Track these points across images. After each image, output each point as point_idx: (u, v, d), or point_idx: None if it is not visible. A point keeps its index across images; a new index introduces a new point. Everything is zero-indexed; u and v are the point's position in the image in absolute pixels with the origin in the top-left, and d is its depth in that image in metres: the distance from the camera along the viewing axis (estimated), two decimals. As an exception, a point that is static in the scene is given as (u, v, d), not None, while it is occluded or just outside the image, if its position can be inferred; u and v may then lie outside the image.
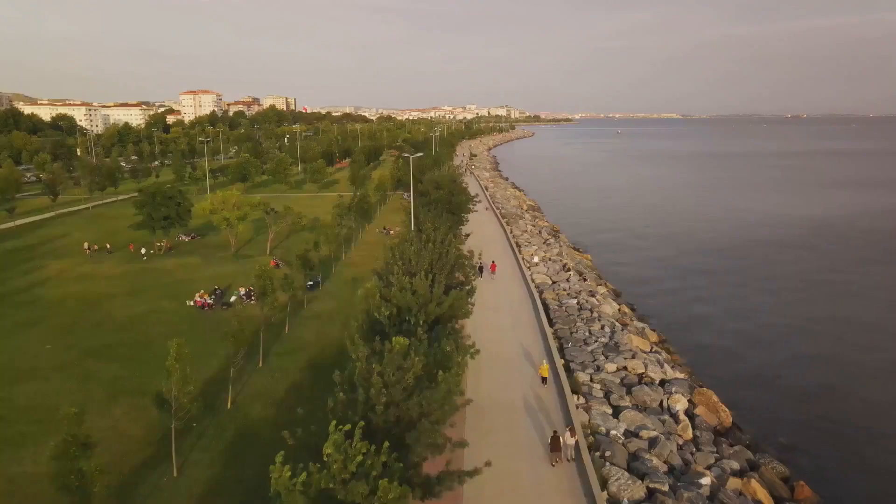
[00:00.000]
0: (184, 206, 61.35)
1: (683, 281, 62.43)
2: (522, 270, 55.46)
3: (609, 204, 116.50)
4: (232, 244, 61.97)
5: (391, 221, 79.71)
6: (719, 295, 57.76)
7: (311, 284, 48.49)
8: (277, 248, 64.11)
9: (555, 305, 45.49)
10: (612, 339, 38.65)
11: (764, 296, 57.21)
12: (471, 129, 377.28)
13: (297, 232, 69.77)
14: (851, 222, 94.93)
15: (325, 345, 37.24)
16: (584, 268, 62.82)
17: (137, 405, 29.05)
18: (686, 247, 79.00)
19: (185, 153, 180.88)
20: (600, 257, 71.52)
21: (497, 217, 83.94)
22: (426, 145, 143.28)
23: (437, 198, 56.34)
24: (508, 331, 39.81)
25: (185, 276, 53.83)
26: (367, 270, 54.99)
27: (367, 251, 63.49)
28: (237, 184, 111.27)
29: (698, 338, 46.17)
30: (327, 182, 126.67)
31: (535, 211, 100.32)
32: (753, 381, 38.54)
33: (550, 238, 73.35)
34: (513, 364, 34.33)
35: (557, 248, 65.47)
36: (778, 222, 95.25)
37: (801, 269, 66.49)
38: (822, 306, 53.85)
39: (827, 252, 75.07)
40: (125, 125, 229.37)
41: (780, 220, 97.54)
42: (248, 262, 58.84)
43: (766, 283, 61.15)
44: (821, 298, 56.32)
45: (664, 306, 54.05)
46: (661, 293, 58.39)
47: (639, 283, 61.75)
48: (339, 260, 58.74)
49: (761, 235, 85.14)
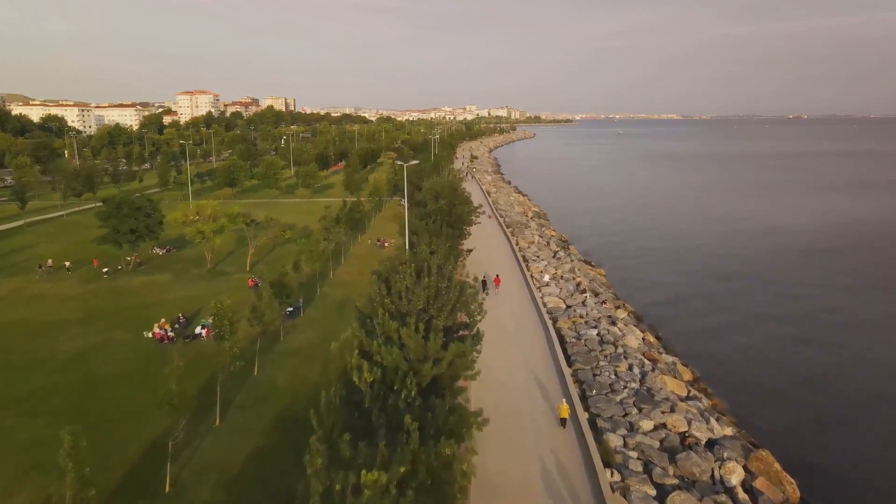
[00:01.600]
0: (155, 217, 55.11)
1: (707, 299, 56.21)
2: (531, 291, 49.27)
3: (618, 209, 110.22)
4: (208, 260, 55.74)
5: (386, 231, 73.49)
6: (749, 314, 51.56)
7: (290, 311, 42.28)
8: (259, 264, 57.90)
9: (572, 337, 39.25)
10: (644, 384, 32.44)
11: (808, 317, 50.93)
12: (471, 130, 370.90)
13: (282, 244, 63.61)
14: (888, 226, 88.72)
15: (301, 392, 31.01)
16: (599, 285, 56.64)
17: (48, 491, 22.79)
18: (706, 257, 72.78)
19: (176, 155, 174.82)
20: (614, 272, 65.26)
21: (501, 226, 77.72)
22: (425, 147, 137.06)
23: (435, 209, 50.13)
24: (519, 371, 33.61)
25: (150, 298, 47.60)
26: (357, 291, 48.92)
27: (358, 266, 57.27)
28: (224, 189, 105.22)
29: (736, 372, 39.96)
30: (322, 186, 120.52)
31: (541, 218, 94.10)
32: (815, 434, 32.29)
33: (560, 251, 67.12)
34: (526, 421, 28.12)
35: (569, 263, 59.23)
36: (802, 227, 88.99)
37: (842, 281, 60.29)
38: (886, 329, 47.67)
39: (869, 262, 68.81)
40: (115, 126, 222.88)
41: (803, 224, 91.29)
42: (226, 280, 52.78)
43: (807, 301, 54.90)
44: (881, 317, 50.15)
45: (691, 331, 47.88)
46: (685, 314, 52.23)
47: (659, 301, 55.54)
48: (325, 278, 52.52)
49: (789, 243, 78.89)
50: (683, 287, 60.85)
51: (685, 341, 45.54)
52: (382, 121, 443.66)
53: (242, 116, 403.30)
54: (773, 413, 34.46)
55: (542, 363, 34.85)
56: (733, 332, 47.54)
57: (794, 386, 37.99)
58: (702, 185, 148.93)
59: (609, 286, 58.86)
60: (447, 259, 33.62)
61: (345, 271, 55.79)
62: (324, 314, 43.91)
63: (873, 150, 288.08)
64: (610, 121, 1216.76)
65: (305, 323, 41.83)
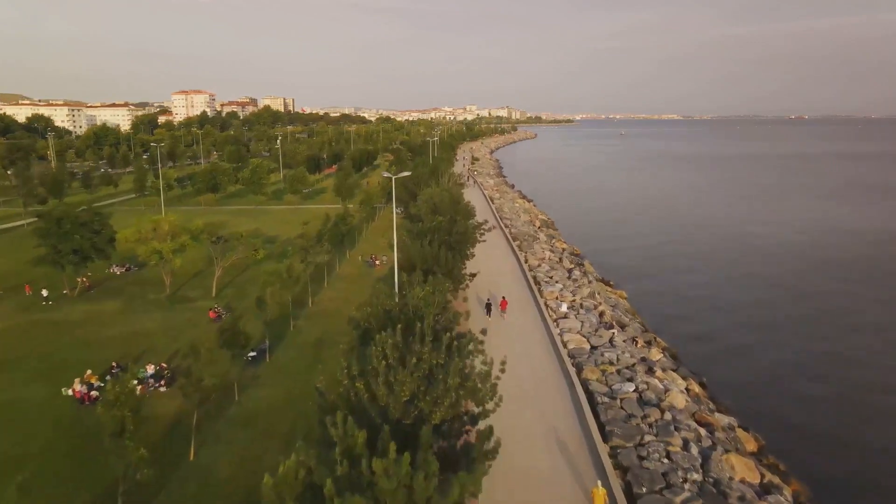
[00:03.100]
0: (104, 234, 47.11)
1: (746, 327, 48.24)
2: (547, 325, 41.28)
3: (632, 217, 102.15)
4: (166, 284, 47.69)
5: (379, 246, 65.24)
6: (803, 346, 43.64)
7: (251, 356, 34.31)
8: (229, 286, 49.91)
9: (603, 394, 31.20)
10: (707, 472, 24.42)
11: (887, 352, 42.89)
12: (472, 131, 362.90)
13: (260, 262, 55.58)
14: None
15: (251, 486, 23.00)
16: (624, 313, 48.63)
17: None
18: (736, 273, 64.72)
19: (164, 157, 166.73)
20: (636, 293, 57.19)
21: (507, 238, 69.70)
22: (424, 149, 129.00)
23: (433, 226, 42.11)
24: (539, 451, 25.60)
25: (90, 335, 39.60)
26: (340, 324, 40.91)
27: (344, 291, 49.25)
28: (206, 194, 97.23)
29: (808, 434, 32.00)
30: (313, 191, 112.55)
31: (549, 228, 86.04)
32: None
33: (575, 269, 59.09)
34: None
35: (588, 287, 51.14)
36: (843, 236, 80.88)
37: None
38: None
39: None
40: (102, 126, 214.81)
41: (843, 233, 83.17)
42: (185, 310, 44.76)
43: (878, 329, 46.89)
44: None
45: (736, 370, 40.04)
46: (724, 347, 44.34)
47: (692, 331, 47.52)
48: (303, 307, 44.50)
49: (835, 256, 70.82)
50: (716, 311, 52.89)
51: (733, 387, 37.61)
52: (382, 121, 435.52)
53: (238, 116, 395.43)
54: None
55: (568, 436, 26.82)
56: (788, 372, 39.60)
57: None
58: (719, 189, 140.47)
59: (633, 313, 50.83)
60: (446, 307, 25.71)
61: (328, 297, 47.73)
62: (296, 358, 35.84)
63: (888, 152, 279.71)
64: (610, 121, 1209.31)
65: (270, 372, 33.75)
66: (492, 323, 42.91)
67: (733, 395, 36.51)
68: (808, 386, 38.16)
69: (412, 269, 39.09)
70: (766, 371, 40.51)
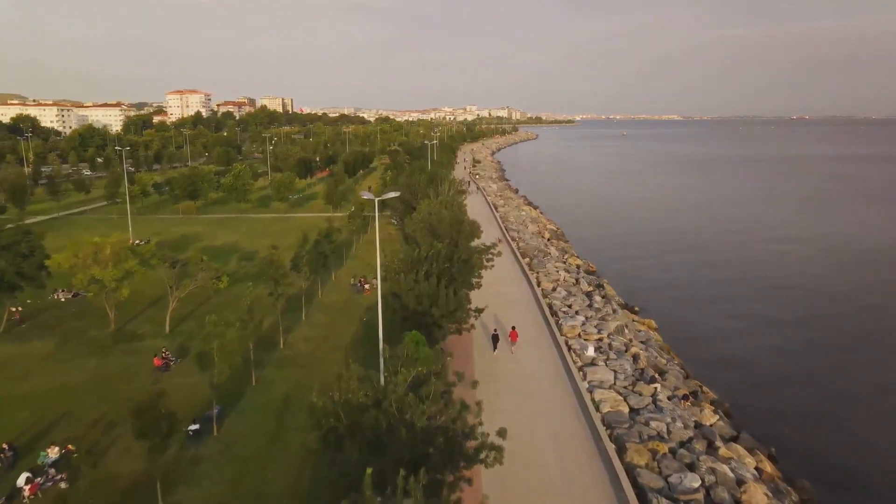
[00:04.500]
0: (35, 258, 39.12)
1: (816, 366, 40.33)
2: (569, 372, 33.40)
3: (647, 227, 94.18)
4: (111, 319, 39.66)
5: (370, 265, 57.24)
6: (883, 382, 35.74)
7: (193, 430, 26.37)
8: (189, 319, 41.91)
9: (657, 491, 23.20)
10: None
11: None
12: (472, 132, 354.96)
13: (224, 290, 47.55)
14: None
15: None
16: (658, 350, 40.67)
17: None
18: (779, 295, 56.80)
19: (150, 160, 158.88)
20: (667, 324, 49.15)
21: (515, 254, 61.79)
22: (423, 153, 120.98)
23: (431, 254, 34.11)
24: None
25: (1, 390, 31.66)
26: (317, 372, 33.07)
27: (324, 326, 41.26)
28: (185, 202, 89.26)
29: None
30: (303, 197, 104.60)
31: (559, 239, 78.01)
32: None
33: (595, 292, 51.12)
34: None
35: (614, 319, 43.08)
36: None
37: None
38: None
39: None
40: (88, 127, 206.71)
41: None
42: (129, 352, 36.80)
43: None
44: None
45: (810, 435, 32.13)
46: (790, 396, 36.48)
47: (743, 375, 39.73)
48: (272, 350, 36.51)
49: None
50: (761, 341, 45.08)
51: (806, 454, 29.80)
52: (381, 121, 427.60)
53: (234, 117, 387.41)
54: None
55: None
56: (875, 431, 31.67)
57: None
58: (741, 196, 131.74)
59: (668, 350, 42.83)
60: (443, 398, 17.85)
61: (304, 335, 39.68)
62: (253, 430, 27.79)
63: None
64: (610, 121, 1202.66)
65: (215, 454, 25.71)
66: (498, 359, 35.37)
67: (810, 467, 28.62)
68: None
69: (404, 311, 31.21)
70: (841, 426, 32.62)
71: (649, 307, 53.52)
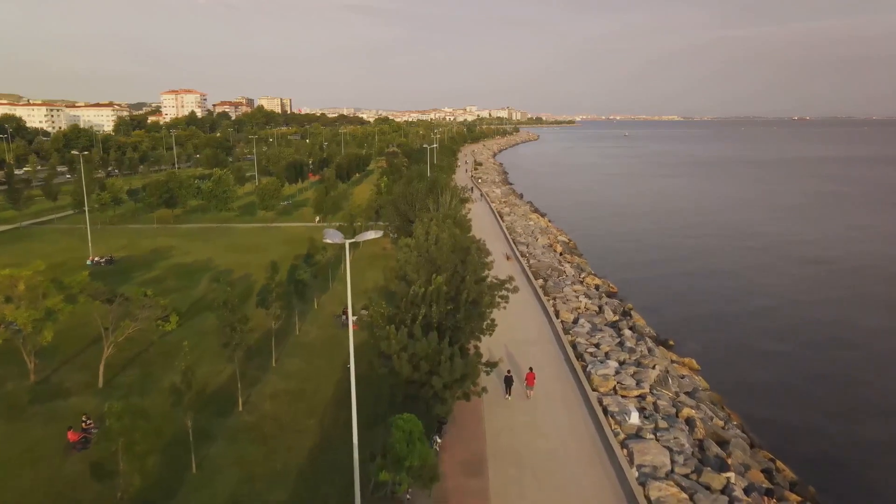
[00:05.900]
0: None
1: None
2: (610, 448, 25.71)
3: (661, 235, 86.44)
4: (31, 369, 31.85)
5: (360, 289, 49.35)
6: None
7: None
8: (129, 369, 34.06)
9: None
10: None
11: None
12: (473, 132, 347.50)
13: (194, 315, 39.78)
14: None
15: None
16: (710, 406, 32.93)
17: None
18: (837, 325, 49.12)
19: (134, 162, 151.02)
20: (709, 363, 41.34)
21: (527, 275, 54.06)
22: (422, 155, 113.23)
23: (431, 291, 26.34)
24: None
25: None
26: (280, 452, 25.37)
27: (297, 376, 33.40)
28: (161, 210, 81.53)
29: None
30: (293, 203, 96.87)
31: (573, 254, 70.19)
32: None
33: (623, 324, 43.39)
34: None
35: (653, 366, 35.19)
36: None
37: None
38: None
39: None
40: (73, 127, 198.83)
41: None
42: (46, 416, 28.98)
43: None
44: None
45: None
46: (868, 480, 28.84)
47: (821, 445, 32.05)
48: (227, 416, 28.66)
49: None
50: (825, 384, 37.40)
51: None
52: (380, 122, 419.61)
53: (230, 117, 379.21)
54: None
55: None
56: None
57: None
58: (765, 202, 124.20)
59: (721, 405, 35.02)
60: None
61: (272, 387, 31.82)
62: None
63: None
64: (610, 122, 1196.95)
65: None
66: (513, 408, 27.95)
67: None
68: None
69: (394, 377, 23.47)
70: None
71: (682, 337, 46.04)
